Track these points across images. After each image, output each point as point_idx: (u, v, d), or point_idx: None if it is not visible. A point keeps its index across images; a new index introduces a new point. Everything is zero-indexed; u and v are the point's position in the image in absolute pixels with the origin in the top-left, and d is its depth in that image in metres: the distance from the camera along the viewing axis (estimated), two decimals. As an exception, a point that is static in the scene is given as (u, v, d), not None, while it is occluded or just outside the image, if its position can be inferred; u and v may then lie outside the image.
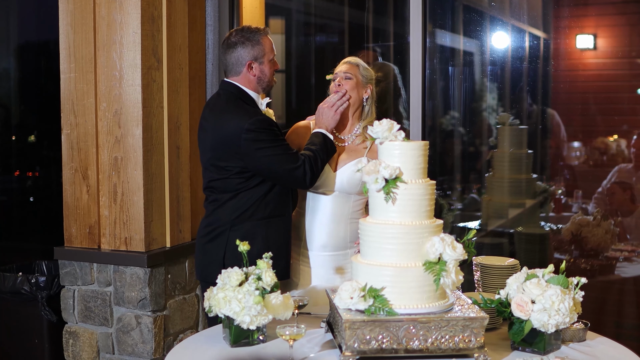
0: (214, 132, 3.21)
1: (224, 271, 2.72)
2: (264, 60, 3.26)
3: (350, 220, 3.33)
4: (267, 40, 3.28)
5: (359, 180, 3.27)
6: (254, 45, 3.24)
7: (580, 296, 2.64)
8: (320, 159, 3.19)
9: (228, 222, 3.24)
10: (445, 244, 2.52)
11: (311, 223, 3.34)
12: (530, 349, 2.60)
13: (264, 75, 3.28)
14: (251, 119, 3.13)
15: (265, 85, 3.31)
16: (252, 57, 3.24)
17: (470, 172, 5.99)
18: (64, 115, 4.05)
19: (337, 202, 3.31)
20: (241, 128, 3.11)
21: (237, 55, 3.25)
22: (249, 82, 3.27)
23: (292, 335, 2.48)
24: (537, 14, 5.89)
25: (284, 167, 3.14)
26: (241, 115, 3.16)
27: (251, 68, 3.25)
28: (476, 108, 5.93)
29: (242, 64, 3.25)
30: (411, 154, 2.59)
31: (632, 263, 4.88)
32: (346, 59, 3.46)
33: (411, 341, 2.47)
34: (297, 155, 3.17)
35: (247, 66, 3.24)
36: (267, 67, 3.27)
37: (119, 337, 3.98)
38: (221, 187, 3.25)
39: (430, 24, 4.57)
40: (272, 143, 3.13)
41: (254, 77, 3.26)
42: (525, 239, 5.17)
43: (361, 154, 3.34)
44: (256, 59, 3.25)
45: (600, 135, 5.89)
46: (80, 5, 3.97)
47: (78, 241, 4.06)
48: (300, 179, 3.15)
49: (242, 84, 3.27)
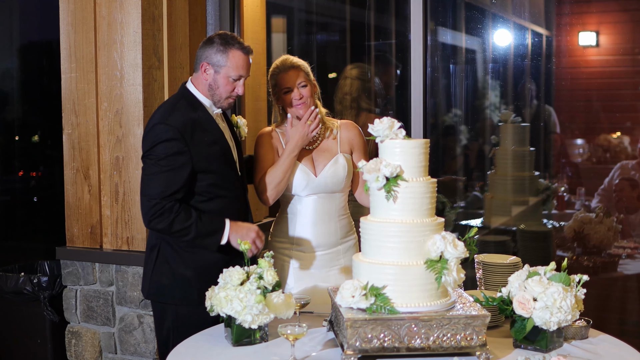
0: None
1: (226, 270, 2.72)
2: (221, 72, 3.03)
3: (339, 217, 3.34)
4: (237, 56, 3.03)
5: (342, 177, 3.30)
6: (219, 51, 3.01)
7: (582, 294, 2.64)
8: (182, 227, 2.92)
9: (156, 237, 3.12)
10: (447, 242, 2.51)
11: (302, 225, 3.33)
12: (532, 347, 2.59)
13: (216, 86, 3.05)
14: (165, 120, 2.94)
15: (217, 98, 3.07)
16: (210, 61, 3.03)
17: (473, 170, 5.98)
18: (65, 115, 4.06)
19: (325, 202, 3.32)
20: (149, 124, 2.98)
21: (201, 52, 3.08)
22: (200, 83, 3.07)
23: (294, 334, 2.48)
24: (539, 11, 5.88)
25: (142, 187, 2.97)
26: (161, 114, 2.99)
27: (205, 70, 3.04)
28: (478, 106, 5.92)
29: (199, 62, 3.07)
30: (412, 152, 2.58)
31: (635, 260, 4.87)
32: (286, 62, 3.31)
33: (413, 339, 2.47)
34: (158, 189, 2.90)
35: (201, 66, 3.04)
36: (221, 80, 3.04)
37: (121, 337, 3.99)
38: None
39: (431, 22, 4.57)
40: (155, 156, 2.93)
41: (205, 82, 3.05)
42: (527, 236, 5.16)
43: (334, 150, 3.34)
44: (213, 65, 3.03)
45: (603, 132, 5.88)
46: (81, 5, 3.97)
47: (80, 241, 4.07)
48: (142, 209, 2.95)
49: (195, 83, 3.09)
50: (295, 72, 3.29)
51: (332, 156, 3.33)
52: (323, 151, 3.35)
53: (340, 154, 3.34)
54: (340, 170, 3.31)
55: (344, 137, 3.38)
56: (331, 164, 3.31)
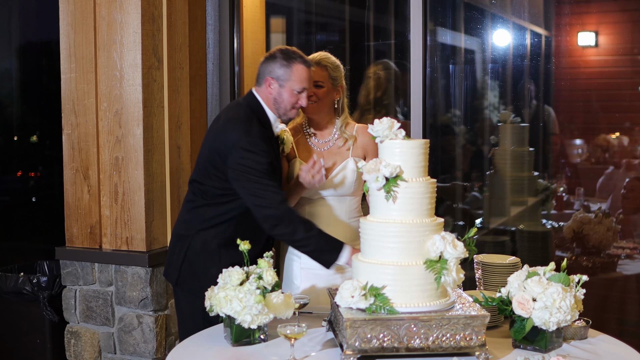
0: (215, 136, 3.14)
1: (225, 270, 2.72)
2: (285, 85, 3.10)
3: (349, 219, 3.34)
4: (300, 70, 3.10)
5: (351, 181, 3.30)
6: (283, 66, 3.09)
7: (581, 294, 2.64)
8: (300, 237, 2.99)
9: (194, 228, 3.20)
10: (446, 242, 2.51)
11: None
12: (531, 347, 2.59)
13: (281, 100, 3.12)
14: (250, 138, 3.02)
15: (281, 112, 3.15)
16: (275, 75, 3.10)
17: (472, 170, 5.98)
18: (65, 116, 4.06)
19: (334, 204, 3.32)
20: (237, 143, 3.03)
21: (265, 66, 3.14)
22: (266, 98, 3.15)
23: (294, 334, 2.48)
24: (538, 11, 5.88)
25: (254, 202, 3.03)
26: (244, 130, 3.05)
27: (270, 85, 3.12)
28: (477, 106, 5.92)
29: (263, 76, 3.14)
30: (412, 152, 2.59)
31: (634, 260, 4.87)
32: (315, 58, 3.30)
33: (412, 340, 2.47)
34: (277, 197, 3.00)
35: (266, 81, 3.13)
36: (286, 94, 3.11)
37: (120, 337, 3.99)
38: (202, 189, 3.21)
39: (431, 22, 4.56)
40: (256, 172, 3.01)
41: (270, 95, 3.13)
42: (527, 236, 5.16)
43: (345, 155, 3.34)
44: (278, 79, 3.10)
45: (602, 133, 5.88)
46: (81, 6, 3.97)
47: (79, 241, 4.07)
48: (263, 220, 3.03)
49: (261, 97, 3.16)
50: (317, 70, 3.26)
51: (343, 160, 3.32)
52: (334, 154, 3.34)
53: (350, 158, 3.32)
54: (349, 174, 3.30)
55: (359, 141, 3.36)
56: (340, 167, 3.31)
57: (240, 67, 4.42)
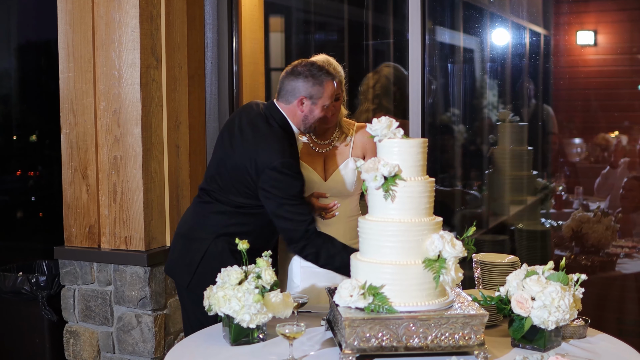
0: (245, 152, 3.10)
1: (224, 270, 2.72)
2: (318, 103, 3.10)
3: (348, 218, 3.34)
4: (330, 86, 3.12)
5: (351, 181, 3.32)
6: (316, 84, 3.08)
7: (580, 293, 2.64)
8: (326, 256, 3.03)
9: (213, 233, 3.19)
10: (445, 241, 2.51)
11: None
12: (530, 346, 2.59)
13: (312, 117, 3.12)
14: (285, 159, 3.02)
15: (308, 125, 3.16)
16: (308, 94, 3.09)
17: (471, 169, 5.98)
18: (63, 115, 4.05)
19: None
20: (271, 163, 3.01)
21: (295, 85, 3.10)
22: (295, 115, 3.13)
23: (292, 334, 2.48)
24: (537, 11, 5.88)
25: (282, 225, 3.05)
26: (278, 150, 3.04)
27: (302, 103, 3.10)
28: (476, 105, 5.92)
29: (296, 96, 3.10)
30: (410, 151, 2.59)
31: (633, 259, 4.87)
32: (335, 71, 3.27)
33: (411, 339, 2.47)
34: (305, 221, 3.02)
35: (299, 100, 3.10)
36: (317, 110, 3.11)
37: (119, 337, 3.98)
38: (223, 198, 3.20)
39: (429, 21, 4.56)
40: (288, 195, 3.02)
41: (301, 113, 3.12)
42: (525, 235, 5.17)
43: (345, 155, 3.34)
44: (311, 98, 3.09)
45: (601, 132, 5.88)
46: (79, 5, 3.97)
47: (78, 240, 4.06)
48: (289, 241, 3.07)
49: (288, 114, 3.14)
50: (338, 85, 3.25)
51: (343, 160, 3.33)
52: (334, 155, 3.35)
53: (351, 158, 3.33)
54: (349, 174, 3.31)
55: (357, 141, 3.36)
56: (341, 168, 3.31)
57: (238, 66, 4.41)
